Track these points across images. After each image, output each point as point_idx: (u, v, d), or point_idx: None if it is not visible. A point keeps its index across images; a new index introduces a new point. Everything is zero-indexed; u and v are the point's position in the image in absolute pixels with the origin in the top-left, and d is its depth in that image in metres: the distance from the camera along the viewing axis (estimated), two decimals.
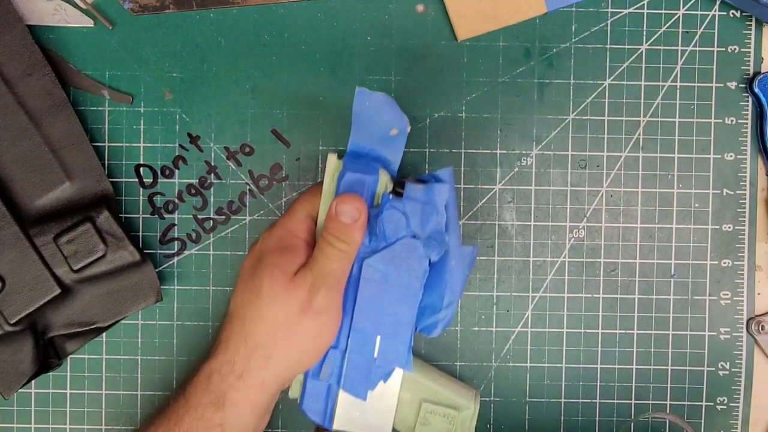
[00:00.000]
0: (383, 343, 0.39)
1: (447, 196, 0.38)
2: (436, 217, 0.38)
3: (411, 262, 0.38)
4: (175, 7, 0.45)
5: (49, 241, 0.41)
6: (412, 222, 0.38)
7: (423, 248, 0.38)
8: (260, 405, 0.39)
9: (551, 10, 0.45)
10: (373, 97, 0.38)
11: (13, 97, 0.42)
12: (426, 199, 0.38)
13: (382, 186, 0.39)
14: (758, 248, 0.47)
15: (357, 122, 0.39)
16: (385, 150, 0.40)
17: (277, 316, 0.38)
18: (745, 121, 0.46)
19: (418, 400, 0.41)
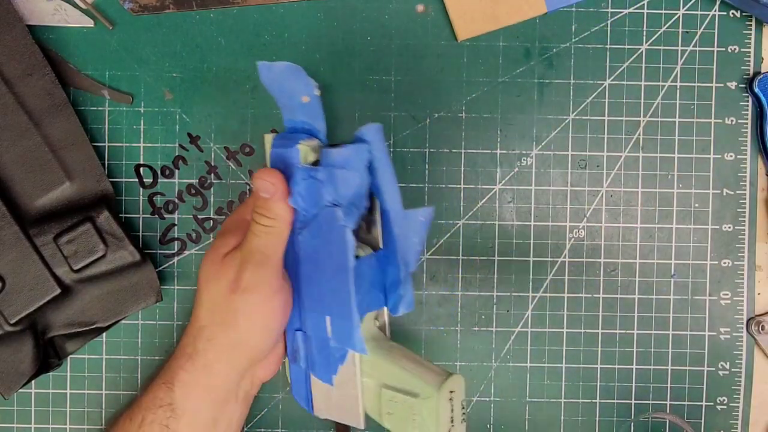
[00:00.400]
0: (333, 322, 0.37)
1: (367, 156, 0.36)
2: (357, 181, 0.35)
3: (333, 232, 0.36)
4: (175, 7, 0.45)
5: (49, 241, 0.41)
6: (326, 190, 0.35)
7: (342, 215, 0.35)
8: (212, 388, 0.38)
9: (551, 10, 0.45)
10: (275, 68, 0.37)
11: (13, 97, 0.42)
12: (343, 163, 0.35)
13: (303, 157, 0.37)
14: (758, 248, 0.47)
15: (273, 95, 0.38)
16: (308, 119, 0.38)
17: (212, 298, 0.38)
18: (745, 121, 0.46)
19: (378, 386, 0.38)
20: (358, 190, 0.36)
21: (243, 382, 0.39)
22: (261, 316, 0.37)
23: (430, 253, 0.46)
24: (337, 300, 0.36)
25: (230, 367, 0.38)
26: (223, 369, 0.38)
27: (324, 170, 0.35)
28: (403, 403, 0.36)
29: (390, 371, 0.37)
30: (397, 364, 0.37)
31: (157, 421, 0.37)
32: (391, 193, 0.37)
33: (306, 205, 0.36)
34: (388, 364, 0.37)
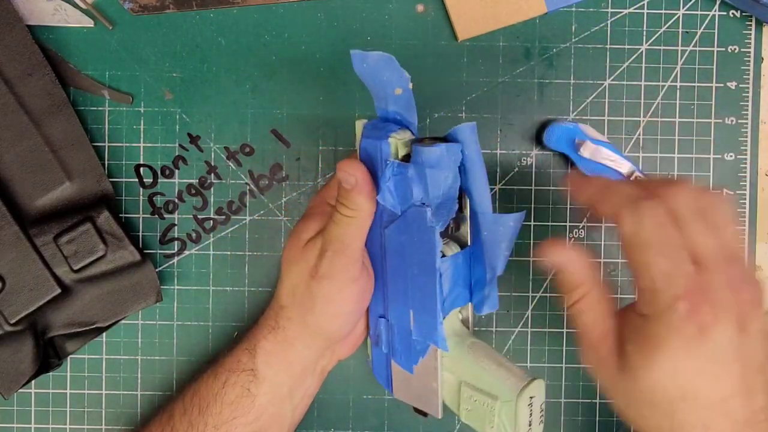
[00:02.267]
0: (416, 317, 0.37)
1: (460, 157, 0.35)
2: (448, 182, 0.34)
3: (421, 232, 0.35)
4: (175, 7, 0.45)
5: (49, 241, 0.41)
6: (416, 188, 0.35)
7: (431, 216, 0.35)
8: (291, 362, 0.40)
9: (551, 10, 0.45)
10: (369, 57, 0.35)
11: (13, 97, 0.42)
12: (434, 162, 0.34)
13: (394, 150, 0.36)
14: (758, 248, 0.47)
15: (367, 85, 0.37)
16: (400, 109, 0.37)
17: (293, 281, 0.39)
18: (745, 120, 0.46)
19: (458, 382, 0.38)
20: (449, 192, 0.35)
21: (321, 359, 0.41)
22: (337, 303, 0.38)
23: None
24: (422, 297, 0.37)
25: (308, 345, 0.40)
26: (302, 346, 0.40)
27: (415, 168, 0.34)
28: (482, 403, 0.36)
29: (471, 370, 0.37)
30: (479, 363, 0.37)
31: (239, 383, 0.39)
32: (482, 195, 0.36)
33: (395, 201, 0.36)
34: (470, 363, 0.37)
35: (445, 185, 0.35)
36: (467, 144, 0.35)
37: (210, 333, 0.46)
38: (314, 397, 0.43)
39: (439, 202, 0.35)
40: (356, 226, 0.36)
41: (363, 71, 0.36)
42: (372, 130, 0.37)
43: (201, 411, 0.39)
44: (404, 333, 0.38)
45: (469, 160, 0.35)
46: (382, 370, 0.42)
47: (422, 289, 0.36)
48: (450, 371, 0.38)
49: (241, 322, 0.46)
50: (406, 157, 0.36)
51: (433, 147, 0.34)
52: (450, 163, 0.34)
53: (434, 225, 0.35)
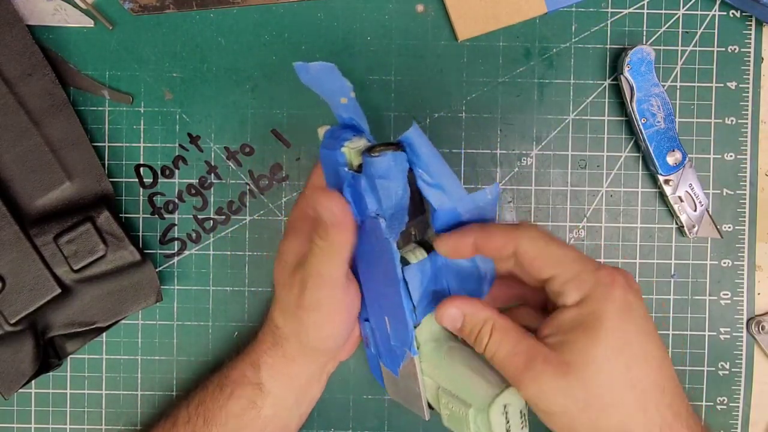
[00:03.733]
0: (391, 323, 0.37)
1: (407, 166, 0.35)
2: (399, 192, 0.34)
3: (380, 243, 0.35)
4: (175, 7, 0.45)
5: (49, 241, 0.41)
6: (369, 199, 0.34)
7: (386, 228, 0.34)
8: (296, 375, 0.40)
9: (551, 10, 0.45)
10: (311, 68, 0.35)
11: (13, 97, 0.42)
12: (383, 173, 0.34)
13: (349, 159, 0.35)
14: (758, 248, 0.47)
15: (318, 94, 0.37)
16: (353, 116, 0.36)
17: (283, 306, 0.39)
18: (745, 120, 0.46)
19: (437, 387, 0.37)
20: (399, 201, 0.35)
21: (324, 367, 0.42)
22: (327, 328, 0.38)
23: None
24: (391, 305, 0.37)
25: (309, 361, 0.40)
26: (302, 361, 0.40)
27: (366, 180, 0.34)
28: (458, 410, 0.35)
29: (446, 376, 0.37)
30: (454, 369, 0.36)
31: (245, 396, 0.40)
32: (452, 185, 0.35)
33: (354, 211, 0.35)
34: (446, 369, 0.37)
35: (396, 195, 0.34)
36: (418, 145, 0.35)
37: (210, 333, 0.46)
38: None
39: (392, 212, 0.35)
40: (332, 257, 0.35)
41: (309, 81, 0.35)
42: (329, 139, 0.36)
43: (206, 421, 0.40)
44: (384, 338, 0.38)
45: (427, 158, 0.35)
46: (375, 368, 0.42)
47: (390, 298, 0.36)
48: (429, 376, 0.38)
49: (241, 322, 0.46)
50: (361, 167, 0.35)
51: (381, 156, 0.34)
52: (398, 172, 0.34)
53: (389, 237, 0.35)
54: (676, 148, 0.45)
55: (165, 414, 0.42)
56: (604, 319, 0.31)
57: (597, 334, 0.31)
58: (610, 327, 0.31)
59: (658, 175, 0.45)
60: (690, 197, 0.45)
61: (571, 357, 0.31)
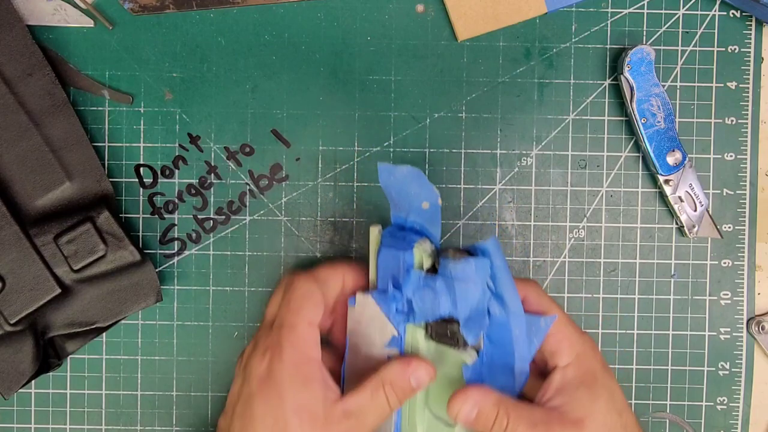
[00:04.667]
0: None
1: (488, 273, 0.35)
2: (476, 296, 0.35)
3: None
4: (175, 7, 0.45)
5: (49, 241, 0.41)
6: (444, 301, 0.35)
7: (462, 330, 0.35)
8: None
9: (551, 10, 0.45)
10: (397, 171, 0.36)
11: (13, 97, 0.42)
12: (463, 276, 0.35)
13: (418, 261, 0.36)
14: (758, 248, 0.47)
15: (388, 196, 0.37)
16: (424, 221, 0.37)
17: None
18: (745, 120, 0.46)
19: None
20: (478, 306, 0.35)
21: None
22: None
23: None
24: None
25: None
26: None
27: (443, 281, 0.35)
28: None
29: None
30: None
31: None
32: (512, 299, 0.36)
33: (422, 314, 0.35)
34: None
35: (473, 299, 0.35)
36: (494, 257, 0.36)
37: (210, 333, 0.46)
38: None
39: (467, 315, 0.35)
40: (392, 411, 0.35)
41: (389, 184, 0.36)
42: (391, 239, 0.37)
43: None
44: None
45: (497, 269, 0.36)
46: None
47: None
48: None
49: (241, 322, 0.46)
50: (430, 269, 0.36)
51: (463, 262, 0.35)
52: (478, 278, 0.35)
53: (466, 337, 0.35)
54: (676, 148, 0.45)
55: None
56: (597, 375, 0.36)
57: (596, 390, 0.35)
58: (601, 382, 0.36)
59: (658, 175, 0.45)
60: (690, 197, 0.45)
61: (579, 414, 0.34)
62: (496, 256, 0.36)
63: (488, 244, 0.35)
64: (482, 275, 0.35)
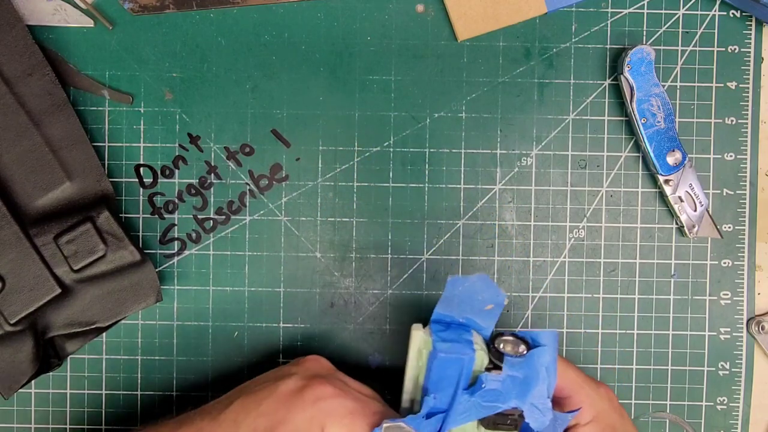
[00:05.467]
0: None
1: (548, 360, 0.36)
2: (537, 385, 0.36)
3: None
4: (175, 7, 0.45)
5: (49, 241, 0.41)
6: (510, 395, 0.35)
7: (527, 418, 0.36)
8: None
9: (551, 10, 0.45)
10: (468, 281, 0.36)
11: (13, 97, 0.42)
12: (527, 371, 0.36)
13: (480, 362, 0.36)
14: (758, 248, 0.47)
15: (447, 301, 0.37)
16: (479, 319, 0.38)
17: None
18: (745, 120, 0.46)
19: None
20: (539, 393, 0.36)
21: None
22: None
23: (430, 253, 0.46)
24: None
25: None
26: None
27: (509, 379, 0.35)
28: None
29: None
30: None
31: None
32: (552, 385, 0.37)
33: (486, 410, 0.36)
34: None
35: (536, 388, 0.35)
36: (551, 349, 0.36)
37: (210, 333, 0.46)
38: None
39: (530, 402, 0.35)
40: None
41: (455, 294, 0.36)
42: (445, 341, 0.36)
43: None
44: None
45: (552, 362, 0.36)
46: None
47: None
48: None
49: (241, 322, 0.46)
50: (489, 366, 0.36)
51: (528, 357, 0.36)
52: (540, 366, 0.36)
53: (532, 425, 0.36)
54: (676, 148, 0.45)
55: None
56: (617, 427, 0.39)
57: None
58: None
59: (658, 175, 0.45)
60: (690, 197, 0.45)
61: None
62: (553, 348, 0.36)
63: (546, 336, 0.36)
64: (542, 363, 0.36)
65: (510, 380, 0.35)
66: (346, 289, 0.46)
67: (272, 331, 0.46)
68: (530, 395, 0.35)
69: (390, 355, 0.46)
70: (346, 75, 0.46)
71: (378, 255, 0.46)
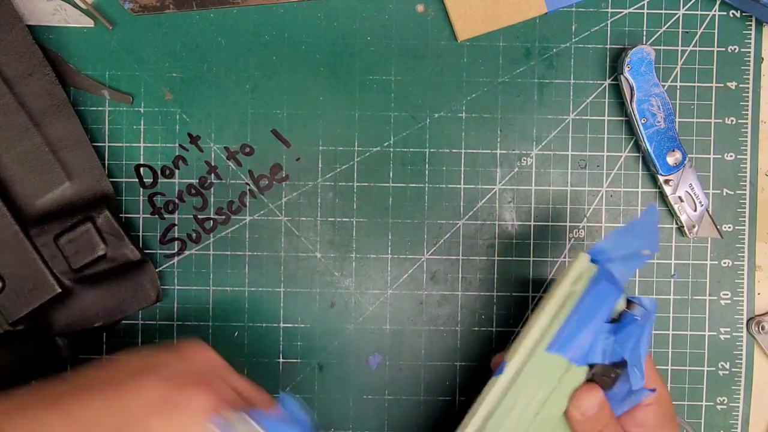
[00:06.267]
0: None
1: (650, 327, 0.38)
2: (642, 346, 0.37)
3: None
4: (175, 7, 0.45)
5: (50, 241, 0.41)
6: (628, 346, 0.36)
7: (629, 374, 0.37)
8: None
9: (551, 10, 0.45)
10: (655, 217, 0.38)
11: (13, 97, 0.42)
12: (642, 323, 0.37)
13: (619, 303, 0.37)
14: (758, 248, 0.47)
15: (626, 232, 0.38)
16: (624, 265, 0.38)
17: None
18: (745, 120, 0.46)
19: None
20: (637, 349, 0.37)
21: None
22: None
23: (430, 253, 0.46)
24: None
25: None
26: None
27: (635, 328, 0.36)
28: None
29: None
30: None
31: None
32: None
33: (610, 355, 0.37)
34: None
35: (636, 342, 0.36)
36: (653, 314, 0.37)
37: (210, 333, 0.46)
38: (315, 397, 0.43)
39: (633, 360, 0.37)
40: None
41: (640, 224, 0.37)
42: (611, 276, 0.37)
43: None
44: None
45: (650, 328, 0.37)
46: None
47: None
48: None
49: (241, 322, 0.46)
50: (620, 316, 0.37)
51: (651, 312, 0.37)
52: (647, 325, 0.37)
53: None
54: (676, 148, 0.45)
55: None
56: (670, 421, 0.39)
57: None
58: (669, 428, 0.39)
59: (658, 175, 0.45)
60: (690, 197, 0.45)
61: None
62: (653, 314, 0.38)
63: (650, 303, 0.37)
64: (649, 328, 0.37)
65: (637, 330, 0.36)
66: (346, 289, 0.46)
67: (272, 331, 0.46)
68: (634, 354, 0.36)
69: (390, 355, 0.46)
70: (346, 75, 0.46)
71: (378, 255, 0.46)
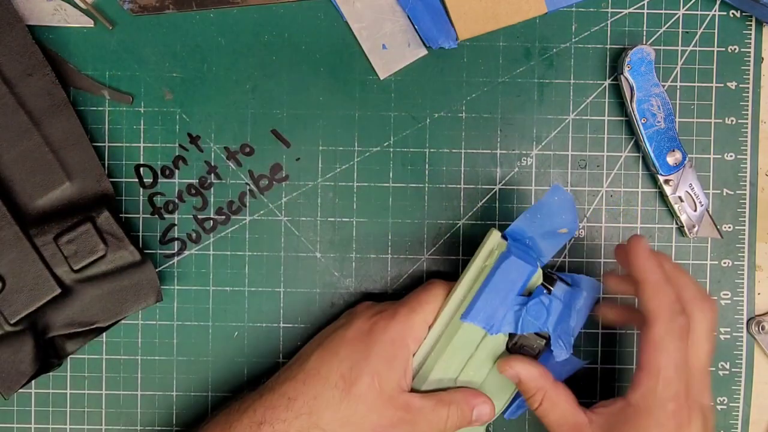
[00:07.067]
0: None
1: (581, 304, 0.40)
2: (568, 321, 0.39)
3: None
4: (175, 7, 0.45)
5: (49, 241, 0.41)
6: (550, 319, 0.38)
7: (552, 347, 0.39)
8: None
9: (551, 10, 0.45)
10: (565, 196, 0.40)
11: (13, 97, 0.42)
12: (567, 302, 0.39)
13: (534, 279, 0.39)
14: (758, 248, 0.47)
15: (535, 211, 0.40)
16: (544, 243, 0.41)
17: (352, 419, 0.38)
18: (745, 120, 0.46)
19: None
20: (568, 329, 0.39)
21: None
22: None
23: (430, 253, 0.46)
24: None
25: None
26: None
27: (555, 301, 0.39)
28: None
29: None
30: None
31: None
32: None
33: (527, 326, 0.39)
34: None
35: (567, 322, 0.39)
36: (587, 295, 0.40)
37: (210, 333, 0.46)
38: None
39: (557, 335, 0.39)
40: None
41: (549, 203, 0.40)
42: (517, 249, 0.39)
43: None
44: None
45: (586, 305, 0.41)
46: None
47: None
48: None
49: (241, 322, 0.46)
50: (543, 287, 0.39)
51: (578, 290, 0.40)
52: (579, 305, 0.40)
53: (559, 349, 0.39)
54: (676, 148, 0.45)
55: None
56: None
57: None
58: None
59: (658, 175, 0.45)
60: (690, 197, 0.45)
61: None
62: (590, 296, 0.40)
63: (586, 283, 0.40)
64: (581, 304, 0.40)
65: (554, 304, 0.39)
66: (346, 289, 0.46)
67: (272, 331, 0.46)
68: (560, 328, 0.39)
69: None
70: (346, 75, 0.46)
71: (378, 255, 0.46)
